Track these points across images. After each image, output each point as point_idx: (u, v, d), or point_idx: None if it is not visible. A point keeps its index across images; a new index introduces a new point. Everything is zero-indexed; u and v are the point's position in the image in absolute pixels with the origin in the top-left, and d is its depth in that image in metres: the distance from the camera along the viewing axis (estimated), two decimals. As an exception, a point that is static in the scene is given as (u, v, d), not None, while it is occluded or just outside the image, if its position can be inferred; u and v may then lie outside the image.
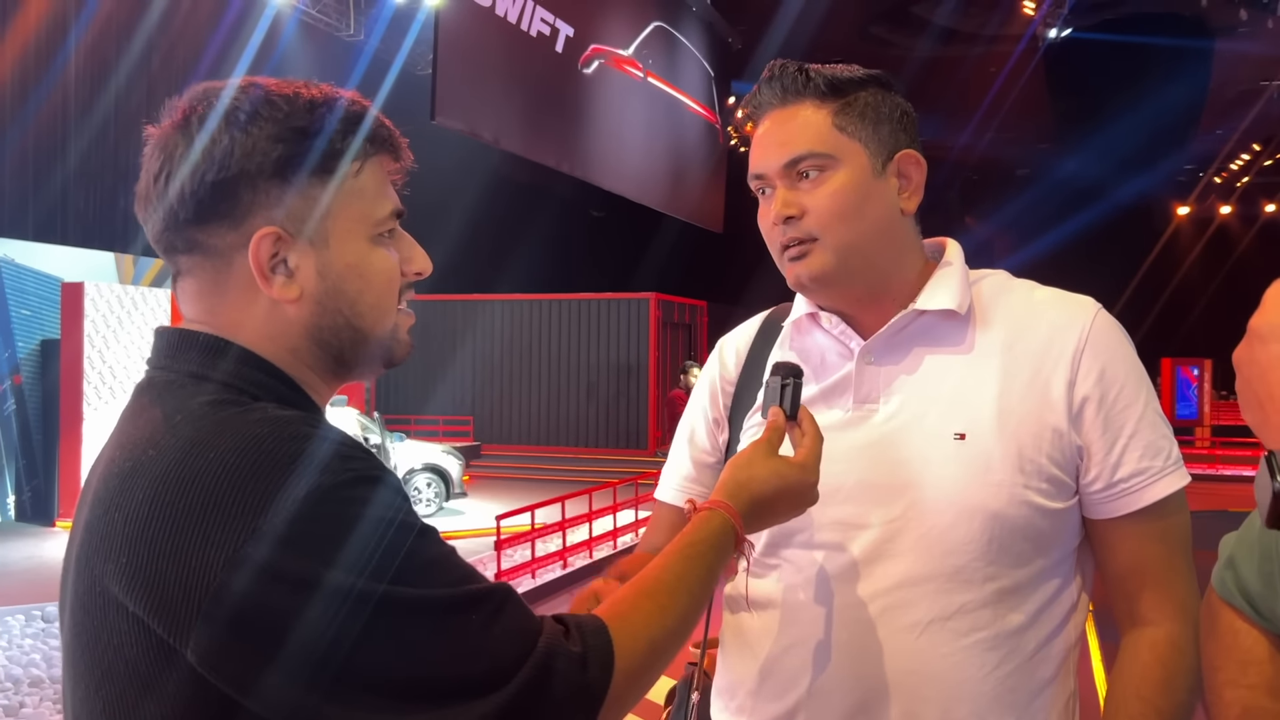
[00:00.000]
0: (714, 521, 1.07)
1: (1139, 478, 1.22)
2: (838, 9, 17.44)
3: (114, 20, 12.80)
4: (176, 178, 0.89)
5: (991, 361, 1.25)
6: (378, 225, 0.96)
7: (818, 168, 1.26)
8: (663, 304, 18.61)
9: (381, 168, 0.97)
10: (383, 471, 0.85)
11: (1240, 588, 1.11)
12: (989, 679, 1.21)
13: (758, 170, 1.31)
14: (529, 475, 15.92)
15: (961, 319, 1.28)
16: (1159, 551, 1.25)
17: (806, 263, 1.27)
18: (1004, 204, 25.23)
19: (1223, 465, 17.51)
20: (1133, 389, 1.24)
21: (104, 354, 10.63)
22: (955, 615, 1.21)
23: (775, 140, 1.29)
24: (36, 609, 6.91)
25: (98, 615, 0.84)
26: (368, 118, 0.95)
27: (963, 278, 1.31)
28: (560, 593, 8.42)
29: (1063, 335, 1.25)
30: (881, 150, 1.28)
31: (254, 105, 0.90)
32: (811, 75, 1.29)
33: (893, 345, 1.30)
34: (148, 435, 0.86)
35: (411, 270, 1.00)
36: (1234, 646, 1.10)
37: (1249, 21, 17.60)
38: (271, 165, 0.89)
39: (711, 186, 20.44)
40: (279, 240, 0.90)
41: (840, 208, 1.25)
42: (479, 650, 0.82)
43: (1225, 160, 27.85)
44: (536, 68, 13.83)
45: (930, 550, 1.21)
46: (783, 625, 1.30)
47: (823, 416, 1.27)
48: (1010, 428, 1.22)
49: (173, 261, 0.95)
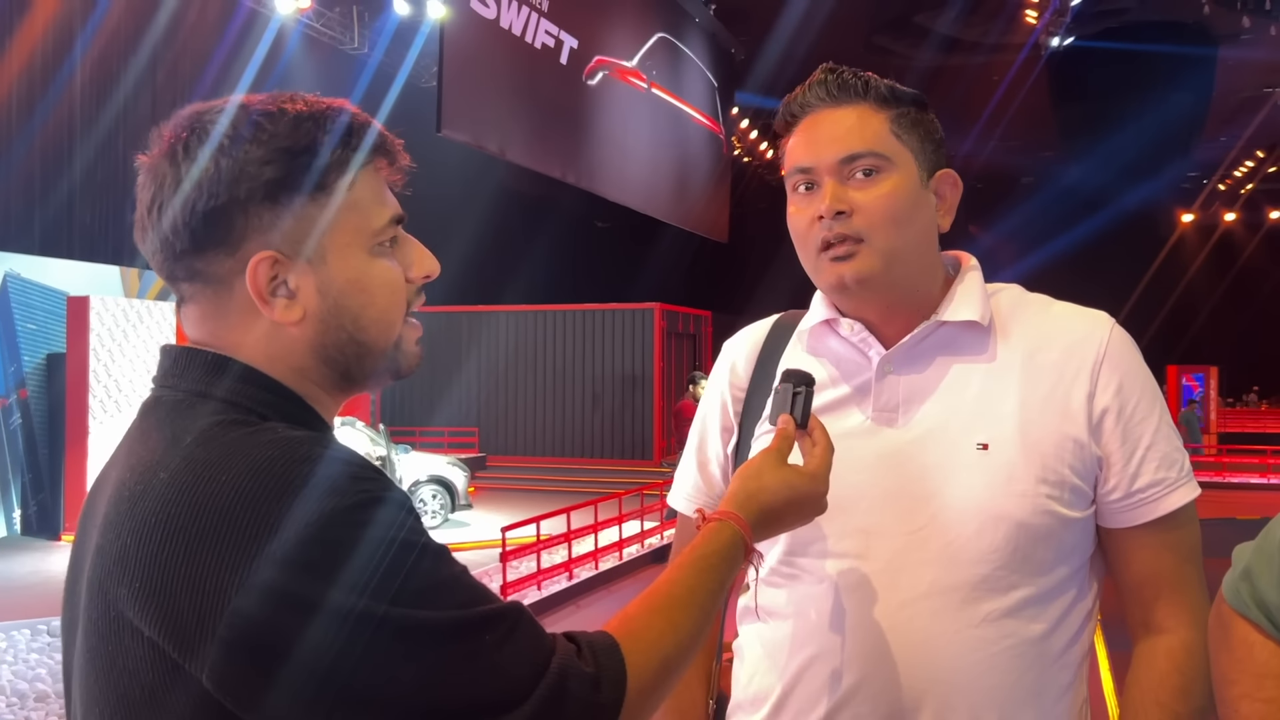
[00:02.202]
0: (724, 533, 1.05)
1: (1156, 488, 1.24)
2: (841, 19, 17.47)
3: (119, 34, 12.87)
4: (169, 208, 0.89)
5: (1013, 373, 1.26)
6: (376, 235, 0.94)
7: (875, 168, 1.25)
8: (667, 314, 18.62)
9: (377, 175, 0.95)
10: (394, 492, 0.84)
11: (1256, 600, 1.10)
12: (1016, 686, 1.21)
13: (806, 163, 1.27)
14: (534, 486, 15.91)
15: (983, 330, 1.29)
16: (1172, 560, 1.26)
17: (853, 263, 1.25)
18: (1008, 212, 25.22)
19: (1230, 473, 17.44)
20: (1149, 402, 1.26)
21: (109, 368, 10.65)
22: (981, 624, 1.21)
23: (830, 135, 1.26)
24: (42, 623, 6.91)
25: (113, 640, 0.84)
26: (355, 127, 0.93)
27: (982, 290, 1.31)
28: (566, 604, 8.41)
29: (1081, 348, 1.26)
30: (927, 164, 1.29)
31: (238, 128, 0.89)
32: (871, 81, 1.29)
33: (914, 355, 1.29)
34: (158, 457, 0.85)
35: (419, 274, 0.98)
36: (1248, 659, 1.09)
37: (1252, 28, 17.60)
38: (261, 189, 0.88)
39: (716, 196, 20.45)
40: (276, 263, 0.89)
41: (893, 210, 1.24)
42: (491, 672, 0.81)
43: (1229, 167, 27.84)
44: (541, 80, 13.87)
45: (955, 559, 1.21)
46: (807, 636, 1.28)
47: (840, 424, 1.26)
48: (1033, 438, 1.22)
49: (175, 288, 0.94)
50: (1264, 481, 16.94)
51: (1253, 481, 16.88)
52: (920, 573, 1.23)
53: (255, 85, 13.09)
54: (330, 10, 14.63)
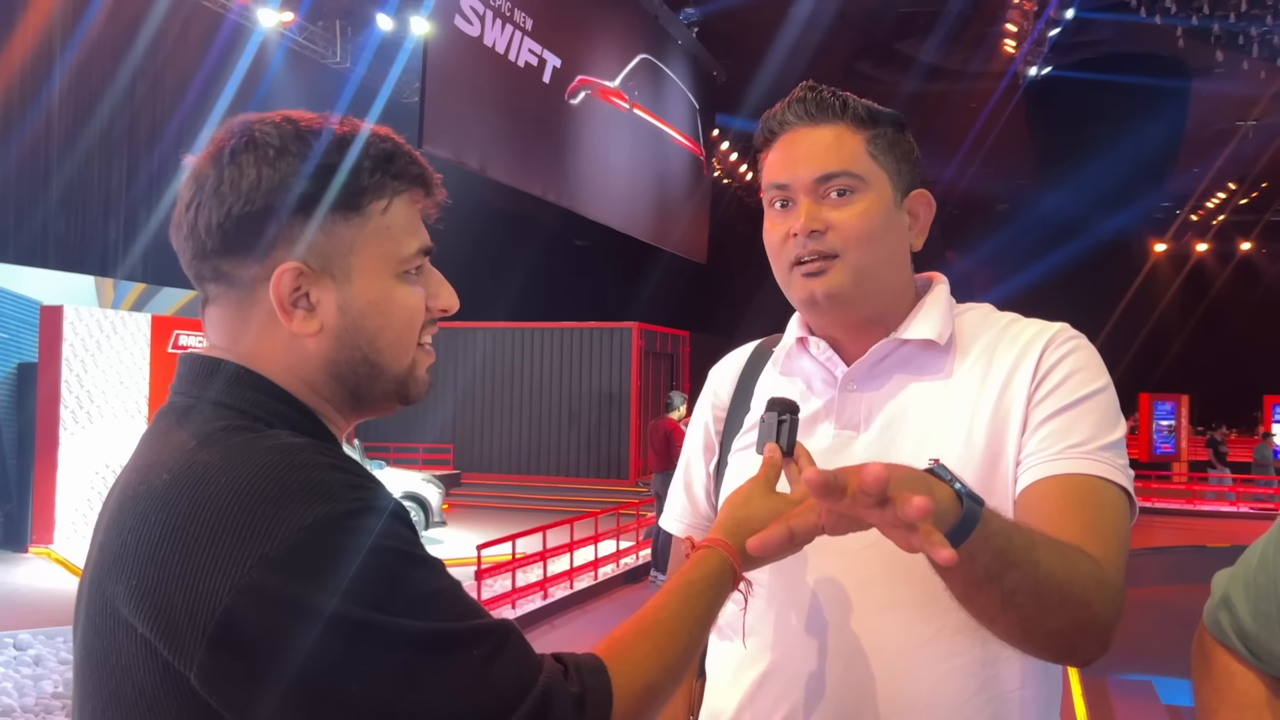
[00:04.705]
0: (712, 560, 1.07)
1: (1057, 448, 1.18)
2: (823, 45, 17.62)
3: (101, 46, 12.80)
4: (206, 208, 0.91)
5: (968, 390, 1.27)
6: (404, 263, 0.96)
7: (849, 188, 1.27)
8: (645, 334, 18.62)
9: (412, 204, 0.98)
10: (390, 502, 0.85)
11: (1236, 628, 1.10)
12: (967, 705, 1.20)
13: (783, 180, 1.30)
14: (509, 504, 15.83)
15: (941, 349, 1.30)
16: (1079, 521, 1.13)
17: (824, 279, 1.27)
18: (984, 239, 25.46)
19: (1200, 501, 17.59)
20: (1079, 381, 1.22)
21: (81, 378, 10.53)
22: (933, 640, 1.21)
23: (808, 154, 1.29)
24: (9, 636, 6.79)
25: (107, 636, 0.85)
26: (398, 155, 0.96)
27: (946, 309, 1.33)
28: (541, 623, 8.35)
29: (1031, 347, 1.26)
30: (901, 184, 1.31)
31: (284, 140, 0.91)
32: (849, 101, 1.30)
33: (875, 373, 1.31)
34: (163, 459, 0.87)
35: (438, 306, 1.01)
36: (1229, 689, 1.08)
37: (1225, 62, 17.90)
38: (297, 201, 0.90)
39: (696, 217, 20.53)
40: (301, 275, 0.91)
41: (866, 229, 1.26)
42: (477, 686, 0.82)
43: (1201, 198, 28.24)
44: (523, 98, 13.91)
45: (906, 574, 1.21)
46: (762, 651, 1.30)
47: (811, 441, 1.27)
48: (982, 454, 1.23)
49: (201, 289, 0.96)
50: (1233, 509, 17.08)
51: (1222, 510, 17.03)
52: (872, 589, 1.23)
53: (238, 98, 13.06)
54: (314, 25, 14.63)
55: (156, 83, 13.56)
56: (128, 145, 13.28)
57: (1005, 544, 0.99)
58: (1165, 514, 15.81)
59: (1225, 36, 17.18)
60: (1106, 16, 17.67)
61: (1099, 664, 1.27)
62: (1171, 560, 10.61)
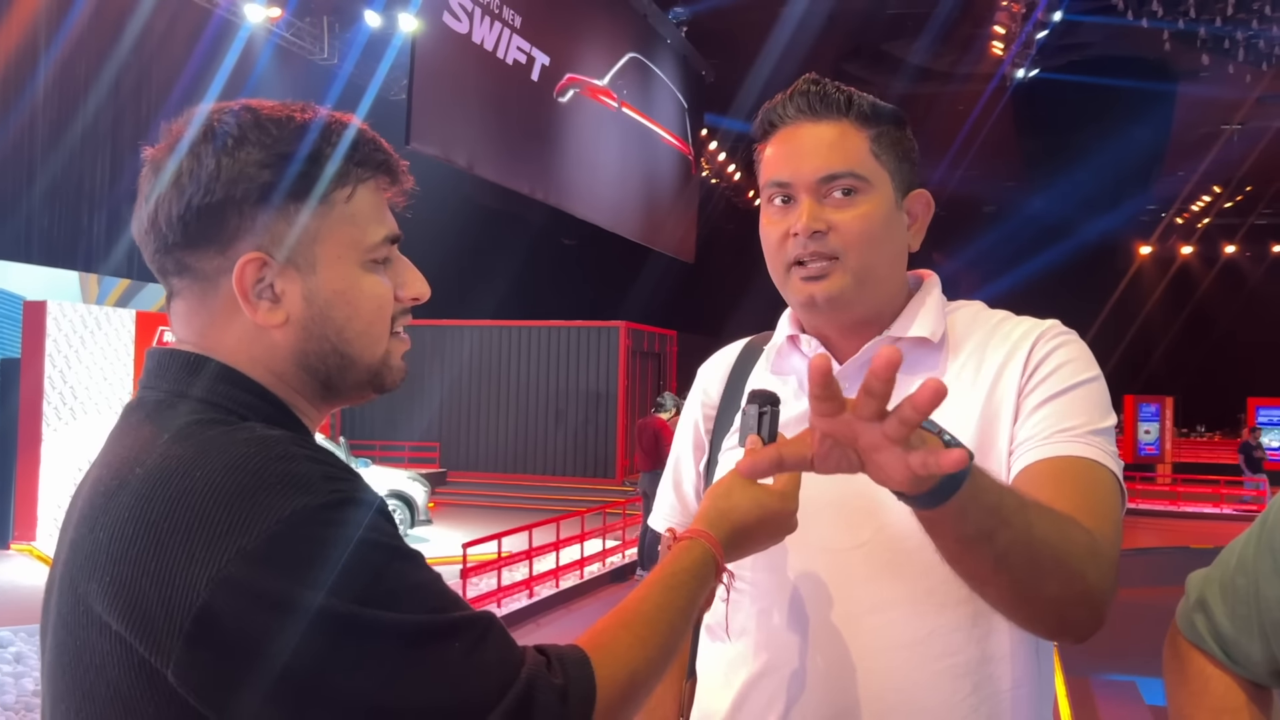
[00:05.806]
0: (694, 551, 1.06)
1: (1049, 432, 1.18)
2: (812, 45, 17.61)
3: (87, 41, 12.71)
4: (166, 200, 0.89)
5: (961, 387, 1.26)
6: (370, 251, 0.95)
7: (853, 188, 1.24)
8: (633, 333, 18.61)
9: (377, 192, 0.96)
10: (368, 494, 0.84)
11: (1212, 632, 1.08)
12: (961, 705, 1.20)
13: (784, 177, 1.26)
14: (495, 503, 15.80)
15: (934, 347, 1.29)
16: (1073, 495, 1.12)
17: (825, 283, 1.24)
18: (971, 240, 25.51)
19: (1184, 502, 17.68)
20: (1069, 371, 1.22)
21: (65, 374, 10.45)
22: (928, 638, 1.20)
23: (810, 152, 1.25)
24: (-12, 634, 6.75)
25: (80, 634, 0.83)
26: (361, 142, 0.94)
27: (938, 307, 1.32)
28: (526, 622, 8.34)
29: (1022, 343, 1.26)
30: (902, 184, 1.29)
31: (243, 129, 0.90)
32: (853, 97, 1.27)
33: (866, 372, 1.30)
34: (134, 454, 0.85)
35: (407, 295, 0.99)
36: (1205, 693, 1.07)
37: (1210, 66, 17.99)
38: (257, 190, 0.88)
39: (684, 217, 20.52)
40: (264, 265, 0.90)
41: (869, 231, 1.24)
42: (459, 679, 0.81)
43: (1187, 201, 28.38)
44: (512, 95, 13.87)
45: (901, 572, 1.21)
46: (754, 652, 1.29)
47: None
48: (976, 450, 1.22)
49: (165, 283, 0.95)
50: (1217, 511, 17.18)
51: (1206, 511, 17.12)
52: (868, 586, 1.23)
53: (225, 94, 12.97)
54: (301, 21, 14.56)
55: (142, 78, 13.47)
56: (113, 141, 13.19)
57: (997, 501, 0.97)
58: (1148, 515, 15.91)
59: (1211, 40, 17.26)
60: (1093, 19, 17.74)
61: (1083, 664, 1.26)
62: (1155, 561, 10.65)
